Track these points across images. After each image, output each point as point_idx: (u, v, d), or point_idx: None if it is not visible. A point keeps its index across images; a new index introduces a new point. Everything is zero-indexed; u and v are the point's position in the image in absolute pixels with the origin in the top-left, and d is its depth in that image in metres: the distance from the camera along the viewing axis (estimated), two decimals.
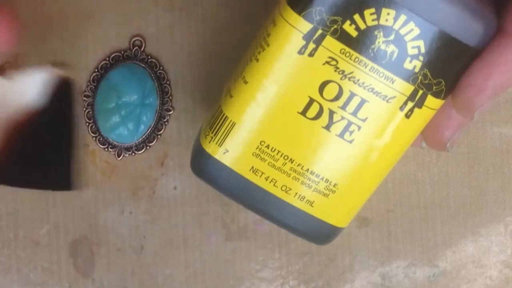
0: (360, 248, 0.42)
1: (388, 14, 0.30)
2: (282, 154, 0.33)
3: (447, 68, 0.32)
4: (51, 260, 0.42)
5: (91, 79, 0.41)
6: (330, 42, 0.31)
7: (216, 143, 0.34)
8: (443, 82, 0.32)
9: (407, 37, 0.31)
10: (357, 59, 0.31)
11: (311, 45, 0.31)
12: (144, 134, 0.41)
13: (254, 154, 0.33)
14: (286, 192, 0.34)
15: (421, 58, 0.31)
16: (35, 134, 0.39)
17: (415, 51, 0.31)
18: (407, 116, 0.32)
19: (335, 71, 0.31)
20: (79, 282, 0.42)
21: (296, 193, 0.34)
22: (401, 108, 0.32)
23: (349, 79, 0.32)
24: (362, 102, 0.32)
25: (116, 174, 0.42)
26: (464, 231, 0.42)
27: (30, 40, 0.40)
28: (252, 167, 0.33)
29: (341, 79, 0.32)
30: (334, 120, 0.32)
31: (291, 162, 0.33)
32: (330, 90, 0.32)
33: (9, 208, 0.42)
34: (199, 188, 0.42)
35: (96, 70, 0.41)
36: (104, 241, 0.42)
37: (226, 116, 0.34)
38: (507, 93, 0.42)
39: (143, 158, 0.42)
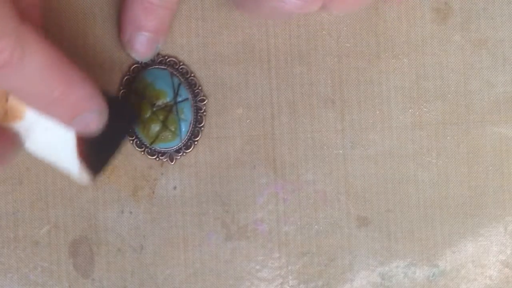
0: (360, 248, 0.42)
1: None
2: None
3: None
4: (51, 260, 0.42)
5: (119, 97, 0.41)
6: None
7: None
8: None
9: None
10: None
11: None
12: (188, 131, 0.41)
13: None
14: None
15: None
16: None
17: None
18: None
19: None
20: (79, 282, 0.42)
21: None
22: None
23: None
24: None
25: (115, 174, 0.42)
26: (463, 231, 0.42)
27: None
28: None
29: None
30: None
31: None
32: None
33: (9, 208, 0.42)
34: (199, 188, 0.42)
35: (121, 88, 0.41)
36: (104, 241, 0.42)
37: None
38: (507, 93, 0.42)
39: (143, 158, 0.42)
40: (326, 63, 0.42)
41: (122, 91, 0.41)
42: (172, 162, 0.41)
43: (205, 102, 0.41)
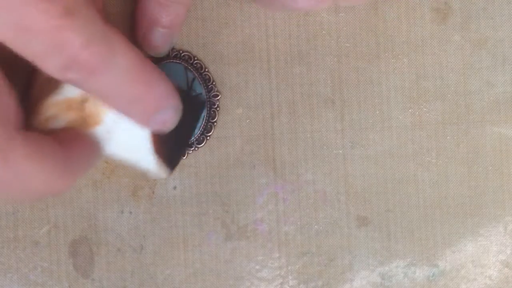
0: (360, 248, 0.42)
1: None
2: None
3: None
4: (51, 260, 0.42)
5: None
6: None
7: None
8: None
9: None
10: None
11: None
12: (201, 126, 0.41)
13: None
14: None
15: None
16: None
17: None
18: None
19: None
20: (79, 282, 0.42)
21: None
22: None
23: None
24: None
25: (115, 174, 0.42)
26: (463, 231, 0.42)
27: None
28: None
29: None
30: None
31: None
32: None
33: (9, 208, 0.42)
34: (199, 188, 0.42)
35: None
36: (103, 241, 0.42)
37: None
38: (507, 93, 0.42)
39: None
40: (326, 63, 0.42)
41: None
42: (184, 157, 0.41)
43: (218, 98, 0.41)
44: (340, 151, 0.42)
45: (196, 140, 0.41)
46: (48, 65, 0.30)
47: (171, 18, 0.39)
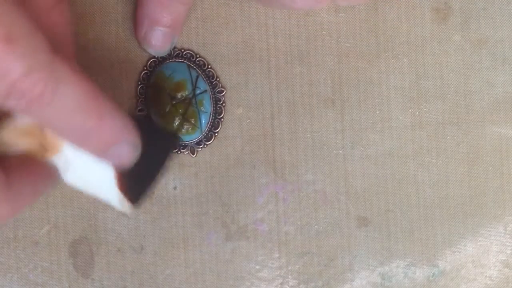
0: (360, 248, 0.42)
1: None
2: None
3: None
4: (51, 260, 0.42)
5: (138, 92, 0.41)
6: None
7: None
8: None
9: None
10: None
11: None
12: (208, 123, 0.41)
13: None
14: None
15: None
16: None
17: None
18: None
19: None
20: (79, 282, 0.42)
21: None
22: None
23: None
24: None
25: None
26: (463, 231, 0.42)
27: None
28: None
29: None
30: None
31: None
32: None
33: None
34: (199, 188, 0.42)
35: (139, 82, 0.41)
36: (104, 241, 0.42)
37: None
38: (507, 93, 0.42)
39: None
40: (326, 63, 0.42)
41: (140, 86, 0.41)
42: (193, 154, 0.41)
43: (223, 93, 0.41)
44: (340, 151, 0.42)
45: (204, 138, 0.41)
46: None
47: (172, 17, 0.39)
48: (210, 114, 0.41)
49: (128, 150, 0.33)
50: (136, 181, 0.35)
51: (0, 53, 0.28)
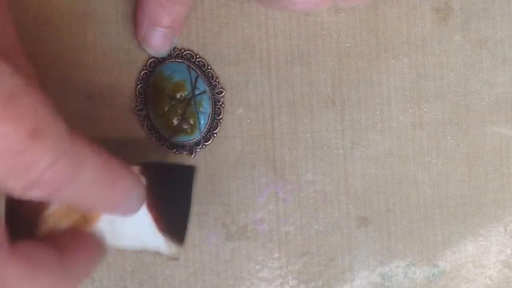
0: (360, 248, 0.42)
1: None
2: None
3: None
4: None
5: (137, 92, 0.41)
6: None
7: None
8: None
9: None
10: None
11: None
12: (207, 124, 0.41)
13: None
14: None
15: None
16: None
17: None
18: None
19: None
20: None
21: None
22: None
23: None
24: None
25: None
26: (463, 231, 0.42)
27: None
28: None
29: None
30: None
31: None
32: None
33: None
34: (199, 188, 0.42)
35: (139, 82, 0.41)
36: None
37: None
38: (507, 93, 0.42)
39: (143, 157, 0.42)
40: (326, 63, 0.42)
41: (139, 86, 0.41)
42: (192, 155, 0.41)
43: (223, 94, 0.41)
44: (340, 151, 0.42)
45: (203, 138, 0.41)
46: (9, 186, 0.28)
47: (172, 18, 0.39)
48: (209, 115, 0.41)
49: (135, 204, 0.35)
50: (174, 219, 0.37)
51: (27, 147, 0.27)
